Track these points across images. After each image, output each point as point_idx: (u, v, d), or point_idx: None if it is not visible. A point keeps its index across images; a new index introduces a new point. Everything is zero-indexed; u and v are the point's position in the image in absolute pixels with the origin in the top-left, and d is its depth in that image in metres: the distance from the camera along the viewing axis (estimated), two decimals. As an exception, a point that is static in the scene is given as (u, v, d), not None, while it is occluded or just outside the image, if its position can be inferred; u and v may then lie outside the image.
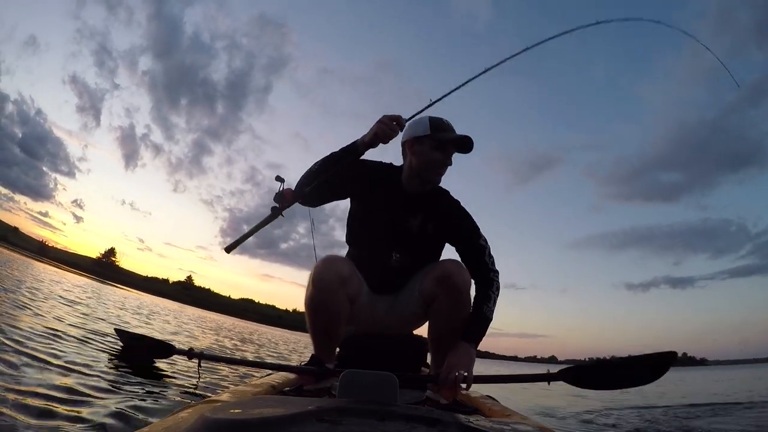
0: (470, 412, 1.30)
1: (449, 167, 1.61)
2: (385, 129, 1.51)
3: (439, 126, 1.58)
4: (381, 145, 1.57)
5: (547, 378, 1.46)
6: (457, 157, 1.63)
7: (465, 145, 1.58)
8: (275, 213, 1.53)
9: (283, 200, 1.53)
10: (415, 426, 0.60)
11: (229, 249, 1.54)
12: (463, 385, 1.37)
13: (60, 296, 6.51)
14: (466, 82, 1.79)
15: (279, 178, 1.55)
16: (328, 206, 1.78)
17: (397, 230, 1.64)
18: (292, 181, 1.66)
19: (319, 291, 1.46)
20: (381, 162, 1.72)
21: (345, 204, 1.77)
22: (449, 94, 1.73)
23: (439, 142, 1.56)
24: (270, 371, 1.87)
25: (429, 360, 1.81)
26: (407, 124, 1.60)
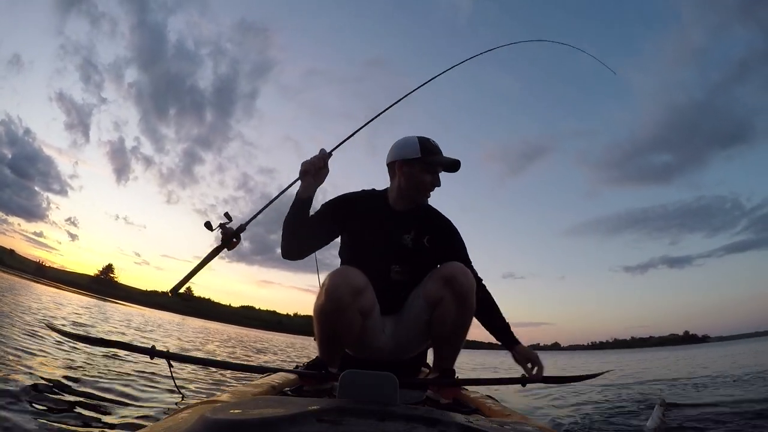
0: (470, 412, 1.30)
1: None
2: (308, 165, 1.55)
3: (428, 148, 1.61)
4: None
5: (523, 381, 1.59)
6: (448, 153, 1.68)
7: (454, 166, 1.62)
8: (219, 249, 1.54)
9: (227, 238, 1.53)
10: (415, 426, 0.60)
11: (174, 291, 1.50)
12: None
13: (68, 320, 6.29)
14: (392, 105, 1.87)
15: (227, 216, 1.55)
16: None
17: (393, 246, 1.65)
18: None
19: (330, 302, 1.42)
20: (362, 190, 1.77)
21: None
22: (374, 118, 1.82)
23: (430, 165, 1.60)
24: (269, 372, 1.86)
25: (429, 360, 1.81)
26: (395, 144, 1.66)
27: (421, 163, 1.60)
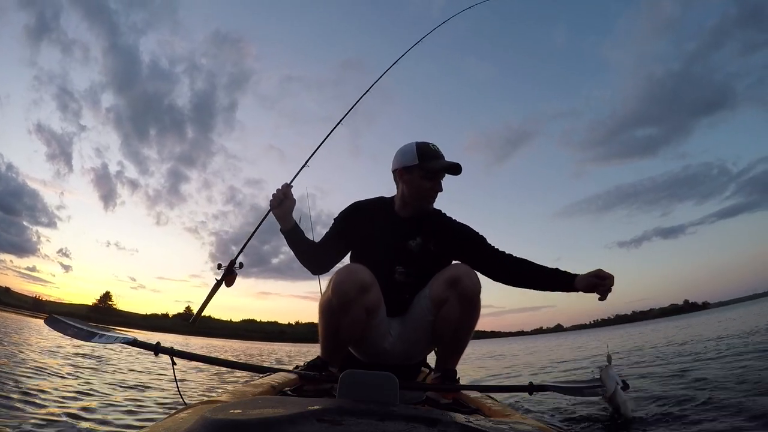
0: (470, 412, 1.29)
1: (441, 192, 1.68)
2: (271, 200, 1.69)
3: (426, 153, 1.60)
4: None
5: (530, 389, 1.53)
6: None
7: (454, 169, 1.61)
8: (218, 285, 1.68)
9: (227, 280, 1.69)
10: (415, 426, 0.60)
11: (193, 322, 1.75)
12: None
13: (73, 351, 6.06)
14: (326, 137, 1.99)
15: (240, 265, 1.71)
16: (313, 214, 1.92)
17: (398, 250, 1.66)
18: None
19: (337, 296, 1.42)
20: (373, 198, 1.80)
21: (330, 210, 1.91)
22: (327, 137, 1.96)
23: (428, 171, 1.60)
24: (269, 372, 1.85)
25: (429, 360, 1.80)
26: (397, 151, 1.68)
27: (419, 170, 1.60)
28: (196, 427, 0.57)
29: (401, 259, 1.64)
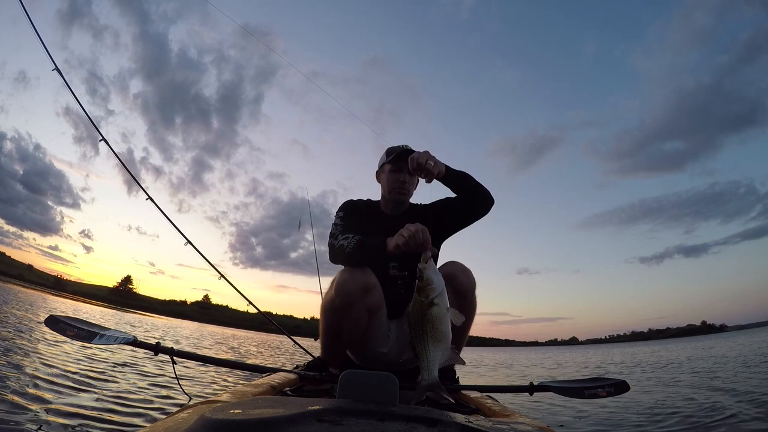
0: (470, 412, 1.30)
1: (425, 186, 1.72)
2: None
3: (392, 150, 1.76)
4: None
5: (530, 389, 1.56)
6: (455, 150, 1.69)
7: (405, 154, 1.66)
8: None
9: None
10: (415, 426, 0.60)
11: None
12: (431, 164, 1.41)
13: (85, 353, 5.99)
14: None
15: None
16: (332, 211, 1.95)
17: None
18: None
19: (340, 296, 1.45)
20: (363, 199, 1.91)
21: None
22: None
23: (392, 164, 1.72)
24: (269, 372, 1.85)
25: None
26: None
27: (387, 164, 1.76)
28: (196, 427, 0.57)
29: (393, 256, 1.65)
